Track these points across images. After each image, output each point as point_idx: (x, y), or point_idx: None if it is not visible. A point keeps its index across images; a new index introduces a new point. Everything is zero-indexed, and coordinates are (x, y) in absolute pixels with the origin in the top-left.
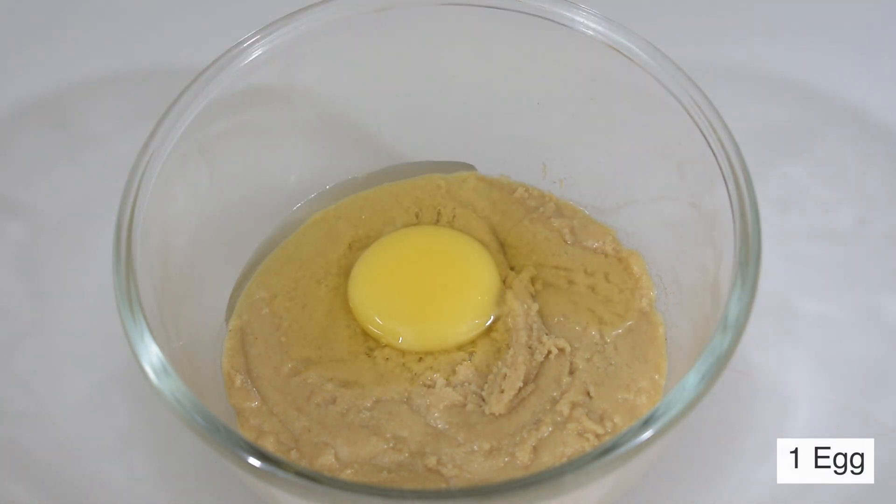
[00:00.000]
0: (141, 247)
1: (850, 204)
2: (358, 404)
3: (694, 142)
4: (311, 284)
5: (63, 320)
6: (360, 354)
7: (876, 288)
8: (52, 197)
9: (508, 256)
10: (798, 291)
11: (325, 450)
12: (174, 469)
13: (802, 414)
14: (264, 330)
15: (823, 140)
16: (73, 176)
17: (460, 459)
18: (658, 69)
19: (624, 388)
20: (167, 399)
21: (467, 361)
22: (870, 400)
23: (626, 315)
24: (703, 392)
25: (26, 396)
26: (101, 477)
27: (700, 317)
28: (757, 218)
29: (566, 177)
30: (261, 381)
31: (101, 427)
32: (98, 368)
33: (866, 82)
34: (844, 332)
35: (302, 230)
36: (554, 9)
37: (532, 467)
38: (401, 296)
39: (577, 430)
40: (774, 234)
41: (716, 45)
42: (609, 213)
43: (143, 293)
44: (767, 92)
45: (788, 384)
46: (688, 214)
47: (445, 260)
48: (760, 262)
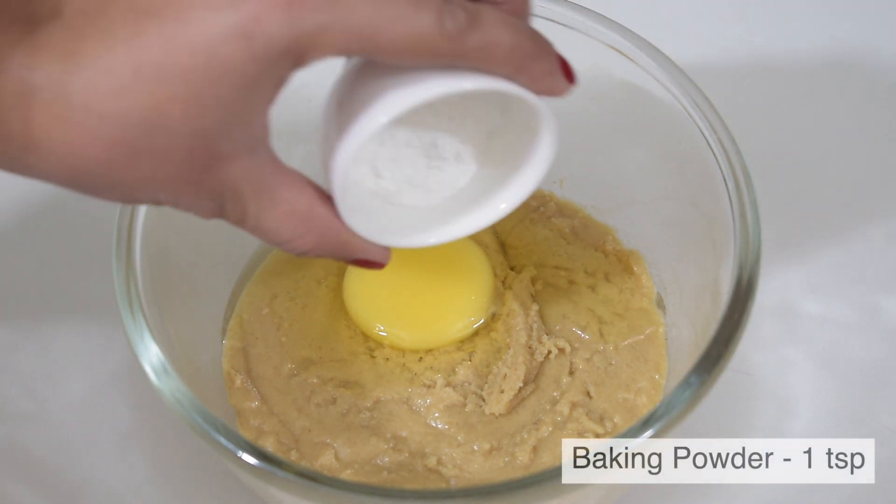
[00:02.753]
0: (141, 247)
1: (850, 204)
2: (358, 404)
3: (694, 142)
4: (312, 284)
5: (63, 320)
6: (361, 354)
7: (876, 288)
8: (53, 196)
9: (509, 256)
10: (798, 291)
11: (325, 450)
12: (174, 469)
13: (802, 414)
14: (264, 330)
15: (823, 140)
16: None
17: (460, 459)
18: (658, 69)
19: (624, 388)
20: (167, 399)
21: (467, 362)
22: (870, 400)
23: (626, 315)
24: (703, 392)
25: (26, 396)
26: (101, 477)
27: (700, 317)
28: (757, 218)
29: (566, 177)
30: (261, 381)
31: (101, 427)
32: (98, 368)
33: (867, 82)
34: (845, 333)
35: None
36: (554, 8)
37: (532, 467)
38: (394, 293)
39: (577, 430)
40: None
41: (716, 45)
42: (609, 213)
43: (143, 293)
44: (768, 92)
45: (788, 384)
46: (688, 214)
47: (437, 257)
48: (760, 262)
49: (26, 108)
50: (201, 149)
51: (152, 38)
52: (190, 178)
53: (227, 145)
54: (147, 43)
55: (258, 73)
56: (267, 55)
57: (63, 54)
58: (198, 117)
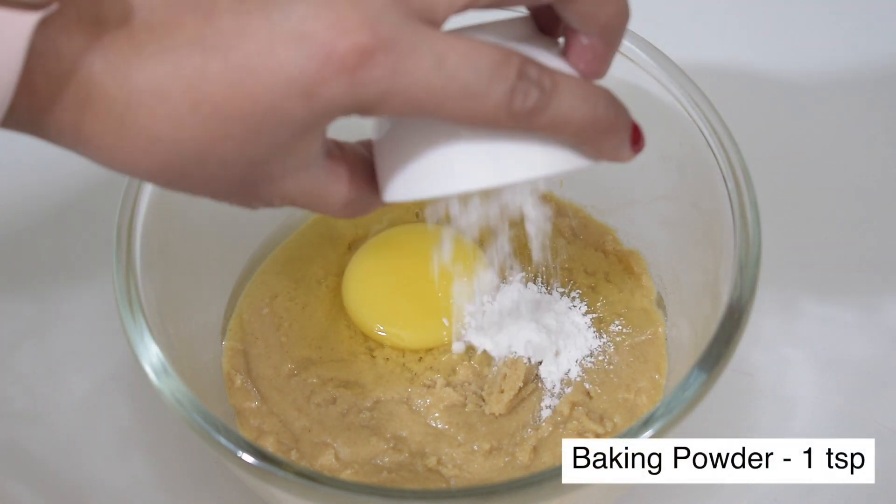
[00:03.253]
0: (141, 247)
1: (850, 204)
2: (358, 404)
3: (694, 142)
4: (312, 284)
5: (63, 320)
6: (360, 354)
7: (876, 288)
8: (53, 196)
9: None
10: (798, 291)
11: (325, 450)
12: (174, 469)
13: (802, 414)
14: (264, 330)
15: (823, 140)
16: (74, 175)
17: (460, 459)
18: (658, 69)
19: (624, 388)
20: (167, 399)
21: (467, 361)
22: (870, 400)
23: (626, 315)
24: (703, 392)
25: (26, 396)
26: (101, 477)
27: (700, 317)
28: (757, 218)
29: (566, 177)
30: (261, 381)
31: (101, 427)
32: (98, 368)
33: (867, 81)
34: (845, 332)
35: (302, 230)
36: None
37: (532, 467)
38: (393, 293)
39: (577, 430)
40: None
41: (715, 45)
42: (609, 213)
43: (143, 293)
44: (767, 92)
45: (789, 384)
46: (688, 214)
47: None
48: (760, 262)
49: (79, 112)
50: (251, 174)
51: (215, 77)
52: (239, 193)
53: (280, 169)
54: (209, 81)
55: (315, 124)
56: (326, 112)
57: (124, 69)
58: (251, 153)
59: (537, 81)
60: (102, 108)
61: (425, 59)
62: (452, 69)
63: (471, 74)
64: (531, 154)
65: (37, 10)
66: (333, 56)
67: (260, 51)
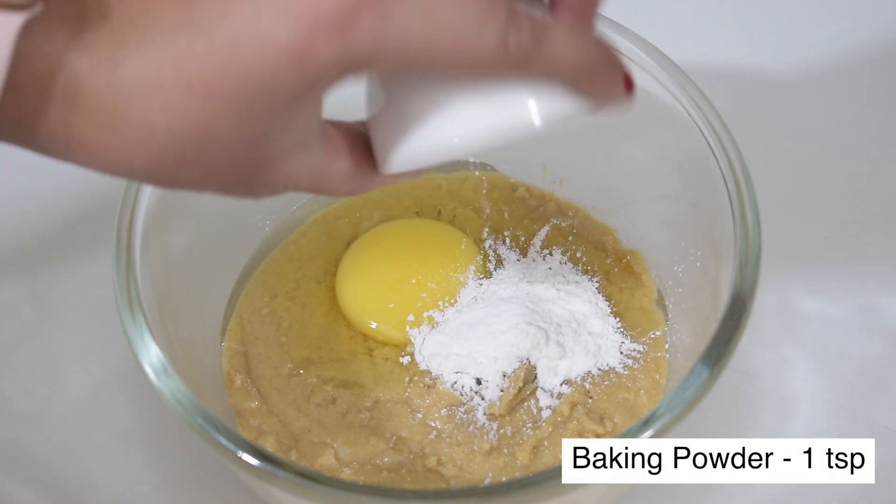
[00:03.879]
0: (141, 247)
1: (850, 204)
2: (358, 404)
3: (694, 142)
4: (312, 284)
5: (63, 320)
6: (360, 354)
7: (876, 288)
8: (53, 196)
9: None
10: (798, 291)
11: (325, 450)
12: (174, 469)
13: (802, 414)
14: (264, 330)
15: (823, 140)
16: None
17: (460, 459)
18: (658, 69)
19: (624, 388)
20: (167, 399)
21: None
22: (870, 400)
23: (626, 315)
24: (703, 392)
25: (26, 396)
26: (101, 477)
27: (700, 316)
28: (757, 218)
29: (566, 177)
30: (261, 381)
31: (101, 427)
32: (98, 368)
33: (867, 81)
34: (844, 332)
35: (302, 230)
36: None
37: (532, 467)
38: (386, 289)
39: (577, 430)
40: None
41: (716, 45)
42: (609, 213)
43: (143, 293)
44: (767, 91)
45: (789, 384)
46: (688, 214)
47: (429, 252)
48: (760, 262)
49: (68, 112)
50: (252, 154)
51: (203, 57)
52: (240, 178)
53: (279, 147)
54: (198, 62)
55: (310, 90)
56: (319, 76)
57: (109, 63)
58: (249, 129)
59: (528, 20)
60: (91, 105)
61: (412, 10)
62: (441, 17)
63: (460, 20)
64: (527, 108)
65: (21, 12)
66: (319, 18)
67: (245, 25)
